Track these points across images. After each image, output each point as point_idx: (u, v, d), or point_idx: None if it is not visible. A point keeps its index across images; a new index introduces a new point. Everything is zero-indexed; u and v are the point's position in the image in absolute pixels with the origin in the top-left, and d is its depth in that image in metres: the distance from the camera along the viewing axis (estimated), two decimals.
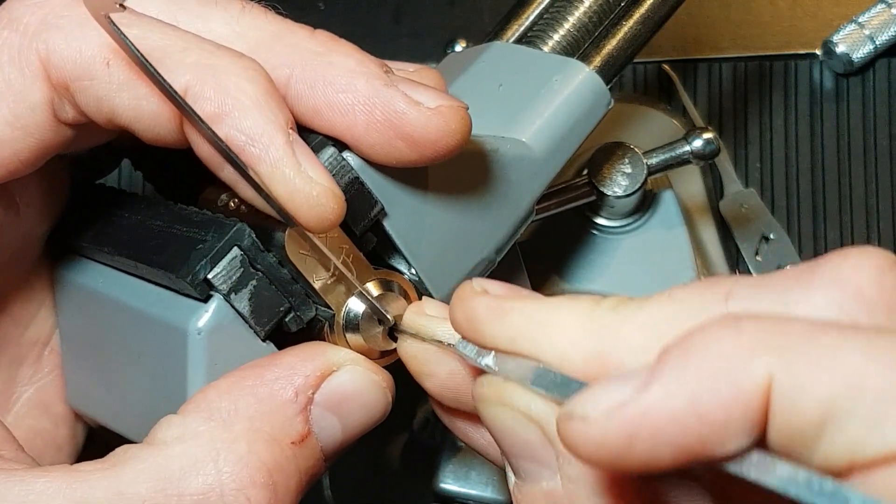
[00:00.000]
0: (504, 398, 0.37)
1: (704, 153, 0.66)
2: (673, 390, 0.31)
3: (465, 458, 0.65)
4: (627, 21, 0.57)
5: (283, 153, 0.41)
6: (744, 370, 0.31)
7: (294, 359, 0.43)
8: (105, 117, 0.43)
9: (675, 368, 0.31)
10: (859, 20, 0.79)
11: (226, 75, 0.41)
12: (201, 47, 0.42)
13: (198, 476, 0.40)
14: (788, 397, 0.30)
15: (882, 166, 0.78)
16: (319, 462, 0.43)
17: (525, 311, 0.38)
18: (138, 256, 0.45)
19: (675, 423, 0.31)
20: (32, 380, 0.52)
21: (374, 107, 0.43)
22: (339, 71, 0.43)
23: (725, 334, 0.31)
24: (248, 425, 0.41)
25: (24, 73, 0.42)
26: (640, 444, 0.31)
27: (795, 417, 0.30)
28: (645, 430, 0.31)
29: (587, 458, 0.32)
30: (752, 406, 0.31)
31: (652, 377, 0.31)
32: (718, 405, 0.31)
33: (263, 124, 0.41)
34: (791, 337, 0.31)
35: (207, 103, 0.41)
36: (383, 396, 0.44)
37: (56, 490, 0.39)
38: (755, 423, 0.31)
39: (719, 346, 0.31)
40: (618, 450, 0.31)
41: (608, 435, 0.31)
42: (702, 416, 0.31)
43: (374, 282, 0.45)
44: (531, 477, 0.37)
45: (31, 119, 0.43)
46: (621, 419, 0.31)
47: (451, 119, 0.43)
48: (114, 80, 0.42)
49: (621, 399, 0.31)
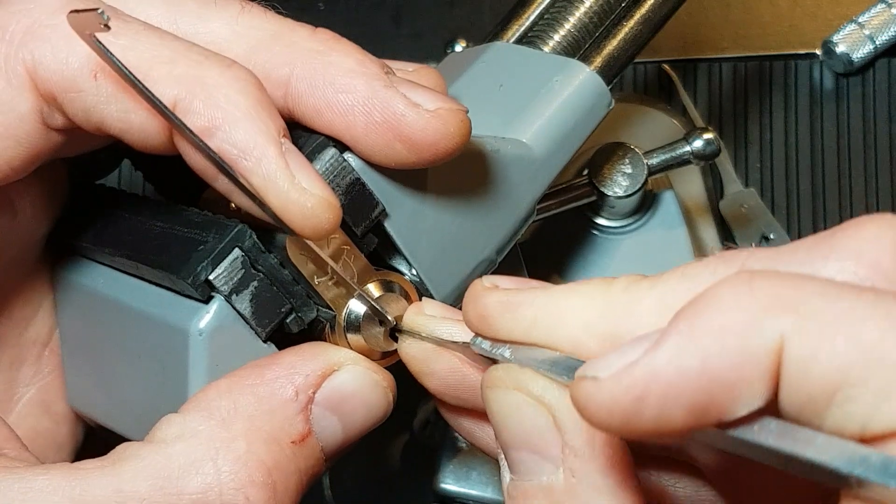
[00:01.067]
0: (519, 382, 0.37)
1: (704, 153, 0.66)
2: (683, 349, 0.30)
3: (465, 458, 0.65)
4: (628, 21, 0.57)
5: (276, 166, 0.41)
6: (756, 329, 0.30)
7: (294, 358, 0.43)
8: (94, 126, 0.43)
9: (685, 327, 0.31)
10: (859, 20, 0.79)
11: (215, 87, 0.41)
12: (189, 57, 0.41)
13: (197, 475, 0.39)
14: (800, 361, 0.30)
15: (882, 166, 0.78)
16: (320, 462, 0.43)
17: (537, 301, 0.37)
18: (139, 257, 0.45)
19: (686, 382, 0.30)
20: (33, 380, 0.52)
21: (373, 108, 0.42)
22: (338, 71, 0.43)
23: (738, 291, 0.31)
24: (247, 424, 0.41)
25: (10, 83, 0.42)
26: (650, 404, 0.31)
27: (807, 383, 0.30)
28: (655, 389, 0.30)
29: (598, 420, 0.32)
30: (763, 367, 0.30)
31: (663, 337, 0.31)
32: (730, 365, 0.30)
33: (255, 136, 0.41)
34: (806, 296, 0.30)
35: (197, 118, 0.41)
36: (384, 396, 0.44)
37: (56, 487, 0.39)
38: (767, 384, 0.30)
39: (731, 304, 0.30)
40: (628, 411, 0.31)
41: (618, 395, 0.31)
42: (712, 376, 0.30)
43: (375, 283, 0.45)
44: (530, 471, 0.37)
45: (21, 128, 0.43)
46: (631, 379, 0.31)
47: (450, 122, 0.43)
48: (101, 93, 0.42)
49: (632, 359, 0.31)
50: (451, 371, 0.42)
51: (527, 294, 0.38)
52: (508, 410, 0.37)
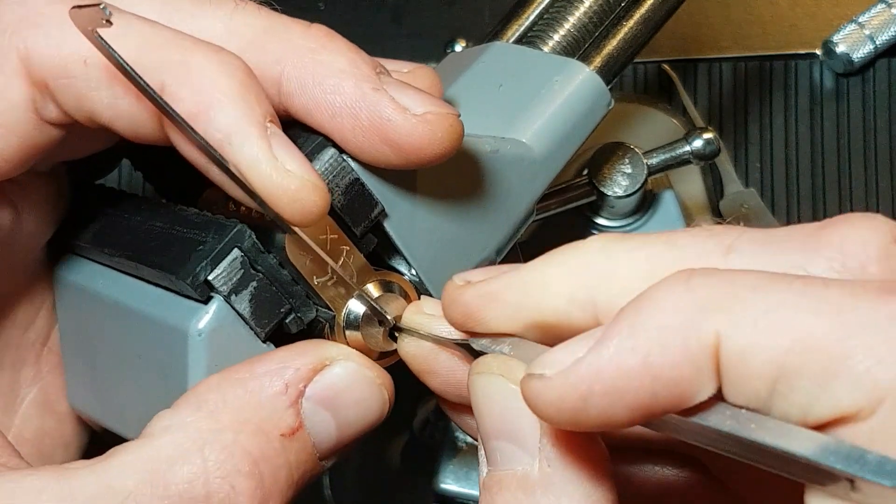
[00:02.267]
0: (507, 369, 0.37)
1: (704, 153, 0.66)
2: (624, 348, 0.31)
3: (465, 458, 0.65)
4: (628, 21, 0.57)
5: (258, 148, 0.40)
6: (693, 327, 0.31)
7: (286, 353, 0.42)
8: (85, 115, 0.43)
9: (626, 326, 0.31)
10: (859, 20, 0.79)
11: (200, 72, 0.41)
12: (178, 44, 0.41)
13: (184, 465, 0.39)
14: (736, 357, 0.30)
15: (882, 166, 0.78)
16: (313, 458, 0.42)
17: (514, 284, 0.37)
18: (138, 258, 0.45)
19: (628, 380, 0.31)
20: (34, 381, 0.52)
21: (360, 111, 0.42)
22: (328, 71, 0.43)
23: (676, 291, 0.31)
24: (235, 416, 0.40)
25: (4, 71, 0.42)
26: (595, 401, 0.31)
27: (745, 377, 0.30)
28: (598, 387, 0.31)
29: (547, 416, 0.33)
30: (701, 365, 0.31)
31: (605, 335, 0.32)
32: (670, 363, 0.31)
33: (238, 119, 0.40)
34: (740, 291, 0.31)
35: (183, 103, 0.40)
36: (379, 393, 0.43)
37: (43, 486, 0.39)
38: (709, 381, 0.31)
39: (670, 303, 0.31)
40: (574, 407, 0.32)
41: (564, 393, 0.32)
42: (653, 374, 0.31)
43: (375, 283, 0.45)
44: (506, 460, 0.37)
45: (13, 117, 0.43)
46: (576, 377, 0.32)
47: (438, 127, 0.42)
48: (91, 78, 0.42)
49: (577, 357, 0.32)
50: (452, 369, 0.42)
51: (502, 279, 0.38)
52: (491, 396, 0.38)
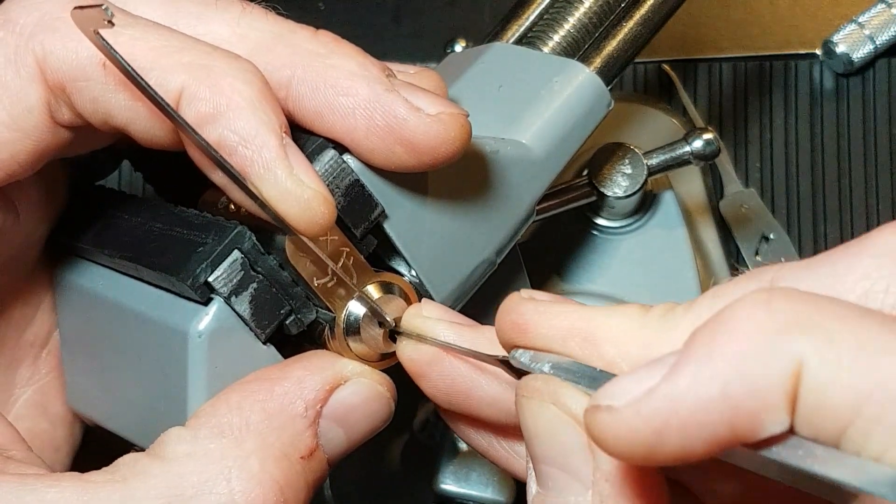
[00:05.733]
0: (556, 396, 0.36)
1: (704, 153, 0.66)
2: (703, 376, 0.29)
3: (465, 458, 0.65)
4: (627, 22, 0.57)
5: (276, 155, 0.41)
6: (775, 353, 0.28)
7: (302, 372, 0.43)
8: (101, 119, 0.43)
9: (703, 351, 0.29)
10: (859, 20, 0.79)
11: (221, 76, 0.41)
12: (197, 48, 0.42)
13: (210, 495, 0.39)
14: (817, 389, 0.28)
15: (882, 166, 0.78)
16: (325, 472, 0.43)
17: (574, 314, 0.36)
18: (138, 259, 0.45)
19: (706, 411, 0.29)
20: (30, 381, 0.52)
21: (375, 112, 0.42)
22: (340, 74, 0.43)
23: (755, 312, 0.29)
24: (258, 441, 0.41)
25: (20, 75, 0.42)
26: (671, 435, 0.29)
27: (819, 412, 0.28)
28: (675, 419, 0.29)
29: (616, 451, 0.30)
30: (782, 393, 0.28)
31: (680, 361, 0.29)
32: (750, 391, 0.29)
33: (257, 126, 0.41)
34: (826, 319, 0.29)
35: (202, 104, 0.41)
36: (387, 406, 0.44)
37: (67, 501, 0.39)
38: (787, 410, 0.29)
39: (749, 325, 0.29)
40: (647, 442, 0.29)
41: (637, 426, 0.29)
42: (732, 403, 0.29)
43: (375, 284, 0.45)
44: (558, 489, 0.36)
45: (29, 121, 0.43)
46: (650, 409, 0.29)
47: (451, 126, 0.43)
48: (110, 81, 0.42)
49: (649, 387, 0.29)
50: (442, 375, 0.42)
51: (564, 306, 0.37)
52: (542, 425, 0.36)
